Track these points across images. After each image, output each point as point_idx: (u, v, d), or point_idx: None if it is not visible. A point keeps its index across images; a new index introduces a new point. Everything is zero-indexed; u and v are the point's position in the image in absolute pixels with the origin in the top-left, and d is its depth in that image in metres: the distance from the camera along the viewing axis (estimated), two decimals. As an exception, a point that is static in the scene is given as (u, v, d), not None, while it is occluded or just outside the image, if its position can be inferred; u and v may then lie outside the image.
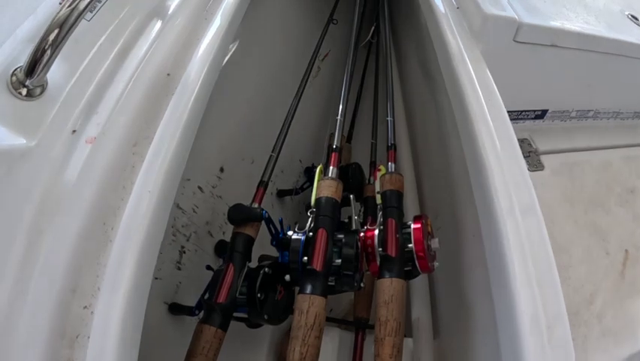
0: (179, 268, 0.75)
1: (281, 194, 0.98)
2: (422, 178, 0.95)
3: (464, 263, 0.78)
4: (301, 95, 0.90)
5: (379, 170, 0.72)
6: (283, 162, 0.95)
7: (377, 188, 0.70)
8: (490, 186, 0.59)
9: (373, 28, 1.13)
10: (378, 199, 0.70)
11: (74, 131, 0.55)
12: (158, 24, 0.70)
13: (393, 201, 0.64)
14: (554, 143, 1.03)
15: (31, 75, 0.52)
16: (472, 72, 0.74)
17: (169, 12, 0.73)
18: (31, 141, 0.50)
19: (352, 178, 0.89)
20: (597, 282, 0.87)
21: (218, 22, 0.77)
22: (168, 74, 0.68)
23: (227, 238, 0.72)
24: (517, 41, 0.83)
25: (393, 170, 0.68)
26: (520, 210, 0.56)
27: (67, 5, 0.57)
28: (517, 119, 1.03)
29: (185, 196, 0.78)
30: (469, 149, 0.68)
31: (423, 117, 1.01)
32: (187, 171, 0.63)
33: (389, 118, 0.77)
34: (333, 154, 0.67)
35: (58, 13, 0.55)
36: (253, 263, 0.67)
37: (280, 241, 0.66)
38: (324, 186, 0.62)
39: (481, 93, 0.71)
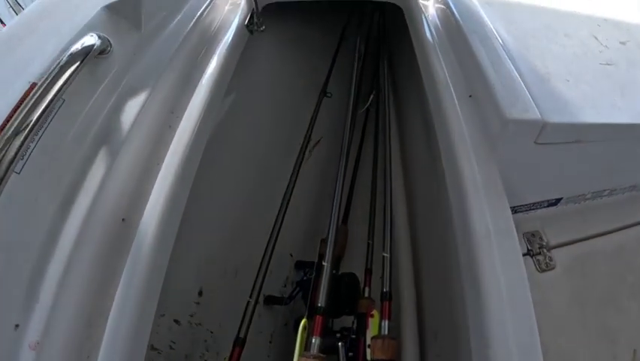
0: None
1: (269, 301, 0.89)
2: (422, 290, 0.87)
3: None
4: (293, 187, 0.80)
5: (372, 315, 0.63)
6: (272, 259, 0.86)
7: (368, 340, 0.62)
8: (485, 314, 0.55)
9: (372, 96, 1.00)
10: (369, 355, 0.61)
11: (17, 325, 0.46)
12: (107, 155, 0.58)
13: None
14: (567, 232, 0.95)
15: None
16: (479, 181, 0.65)
17: (121, 132, 0.61)
18: None
19: (346, 291, 0.80)
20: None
21: (184, 130, 0.65)
22: (123, 220, 0.57)
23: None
24: (538, 143, 0.73)
25: (386, 330, 0.60)
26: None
27: None
28: (530, 210, 0.94)
29: (160, 335, 0.69)
30: (467, 270, 0.60)
31: (425, 205, 0.91)
32: (160, 305, 0.55)
33: (385, 254, 0.68)
34: (317, 318, 0.58)
35: None
36: None
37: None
38: None
39: (485, 202, 0.62)
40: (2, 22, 3.01)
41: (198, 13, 0.80)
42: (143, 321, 0.53)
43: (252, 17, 0.83)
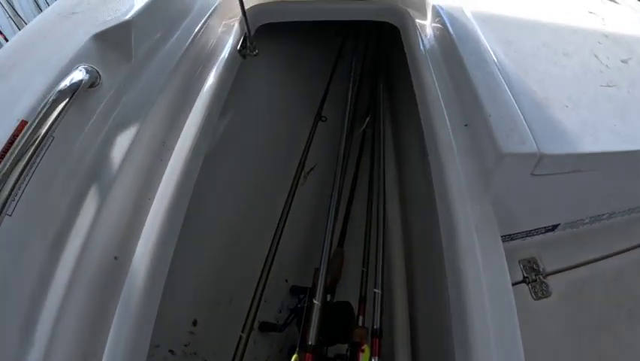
0: None
1: (264, 328, 0.89)
2: (416, 325, 0.86)
3: None
4: (288, 213, 0.80)
5: (362, 351, 0.64)
6: (267, 286, 0.86)
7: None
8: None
9: (368, 118, 1.00)
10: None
11: None
12: (99, 192, 0.58)
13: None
14: (564, 258, 0.95)
15: None
16: (471, 216, 0.65)
17: (112, 168, 0.61)
18: None
19: (340, 319, 0.80)
20: None
21: (176, 163, 0.65)
22: (116, 258, 0.57)
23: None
24: (535, 174, 0.73)
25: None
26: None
27: None
28: (527, 236, 0.94)
29: (155, 366, 0.69)
30: (456, 307, 0.60)
31: (420, 233, 0.91)
32: (155, 336, 0.55)
33: (377, 290, 0.68)
34: (307, 355, 0.58)
35: None
36: None
37: None
38: None
39: (476, 236, 0.62)
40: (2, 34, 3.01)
41: (190, 38, 0.80)
42: (139, 352, 0.54)
43: (244, 41, 0.82)
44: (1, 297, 0.50)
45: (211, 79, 0.75)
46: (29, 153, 0.52)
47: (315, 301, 0.67)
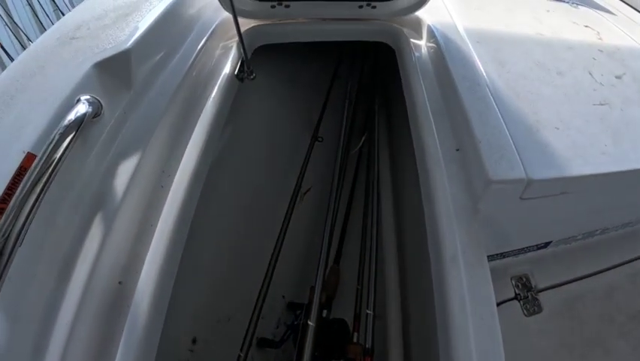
0: None
1: (261, 344, 0.94)
2: (409, 347, 0.89)
3: None
4: (285, 232, 0.84)
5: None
6: (265, 302, 0.90)
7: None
8: None
9: (364, 137, 1.04)
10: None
11: None
12: (103, 220, 0.62)
13: None
14: (556, 274, 0.99)
15: None
16: (457, 235, 0.68)
17: (116, 196, 0.64)
18: None
19: (335, 336, 0.84)
20: None
21: (177, 189, 0.69)
22: (120, 283, 0.61)
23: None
24: (524, 198, 0.77)
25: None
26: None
27: (0, 235, 0.50)
28: (519, 254, 0.97)
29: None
30: (442, 328, 0.64)
31: (413, 254, 0.95)
32: (156, 354, 0.59)
33: (369, 311, 0.72)
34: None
35: None
36: None
37: None
38: None
39: (461, 260, 0.66)
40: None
41: (189, 63, 0.84)
42: None
43: (242, 65, 0.86)
44: (13, 323, 0.54)
45: (209, 104, 0.79)
46: (40, 187, 0.56)
47: (309, 323, 0.71)
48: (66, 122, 0.62)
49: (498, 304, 0.70)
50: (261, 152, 1.01)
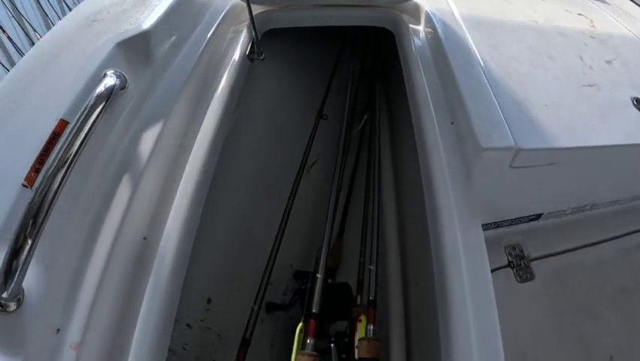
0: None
1: (270, 308, 1.02)
2: (409, 299, 0.99)
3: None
4: (292, 203, 0.92)
5: (360, 320, 0.76)
6: (273, 271, 0.99)
7: (356, 342, 0.75)
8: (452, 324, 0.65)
9: (366, 116, 1.13)
10: (357, 355, 0.74)
11: (58, 330, 0.58)
12: (130, 181, 0.71)
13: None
14: (548, 245, 1.07)
15: (7, 287, 0.53)
16: (452, 199, 0.77)
17: (141, 161, 0.73)
18: (19, 359, 0.52)
19: (339, 299, 0.93)
20: (576, 399, 0.95)
21: (196, 157, 0.78)
22: (145, 238, 0.69)
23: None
24: (514, 167, 0.85)
25: (371, 333, 0.73)
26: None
27: (38, 191, 0.57)
28: (512, 224, 1.06)
29: (174, 338, 0.82)
30: (440, 287, 0.72)
31: (412, 222, 1.04)
32: None
33: (371, 267, 0.80)
34: (311, 322, 0.71)
35: (31, 203, 0.55)
36: None
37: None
38: None
39: (457, 221, 0.74)
40: (4, 31, 3.14)
41: (203, 45, 0.93)
42: (165, 324, 0.65)
43: (252, 47, 0.95)
44: (49, 271, 0.62)
45: (224, 81, 0.88)
46: (74, 149, 0.64)
47: (318, 275, 0.80)
48: (97, 92, 0.71)
49: (492, 271, 0.77)
50: (270, 128, 1.10)
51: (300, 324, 0.75)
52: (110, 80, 0.74)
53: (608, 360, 1.03)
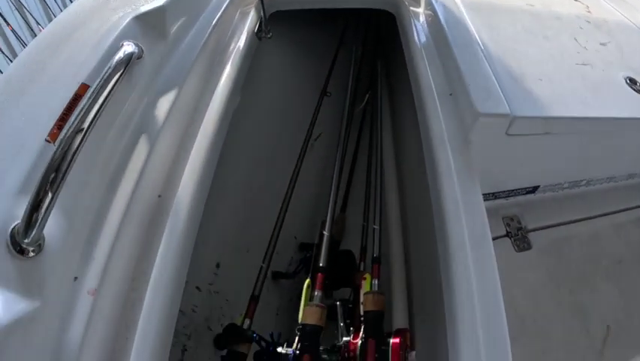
0: (182, 367, 0.85)
1: (276, 276, 1.07)
2: (409, 257, 1.04)
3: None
4: (297, 176, 0.98)
5: (364, 278, 0.81)
6: (278, 242, 1.04)
7: (361, 298, 0.80)
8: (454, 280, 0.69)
9: (368, 95, 1.18)
10: (362, 310, 0.79)
11: (76, 278, 0.62)
12: (146, 142, 0.76)
13: (374, 322, 0.74)
14: (544, 217, 1.12)
15: (29, 233, 0.58)
16: (452, 163, 0.81)
17: (156, 125, 0.78)
18: (38, 302, 0.56)
19: (343, 266, 0.98)
20: (574, 364, 0.99)
21: (207, 125, 0.83)
22: (159, 196, 0.74)
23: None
24: (510, 134, 0.90)
25: (376, 287, 0.77)
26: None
27: (60, 147, 0.62)
28: (509, 196, 1.11)
29: (184, 300, 0.87)
30: (442, 246, 0.76)
31: (413, 194, 1.09)
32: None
33: (375, 227, 0.85)
34: (319, 275, 0.76)
35: (53, 157, 0.60)
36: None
37: (271, 354, 0.76)
38: (309, 314, 0.71)
39: (457, 187, 0.78)
40: (7, 23, 3.23)
41: (213, 23, 0.99)
42: (179, 276, 0.70)
43: (260, 25, 1.01)
44: (69, 222, 0.66)
45: (233, 56, 0.94)
46: (95, 110, 0.70)
47: (324, 232, 0.84)
48: (117, 58, 0.76)
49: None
50: (276, 104, 1.16)
51: (308, 280, 0.80)
52: (128, 48, 0.79)
53: (605, 329, 1.07)
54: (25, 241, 0.57)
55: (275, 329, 0.98)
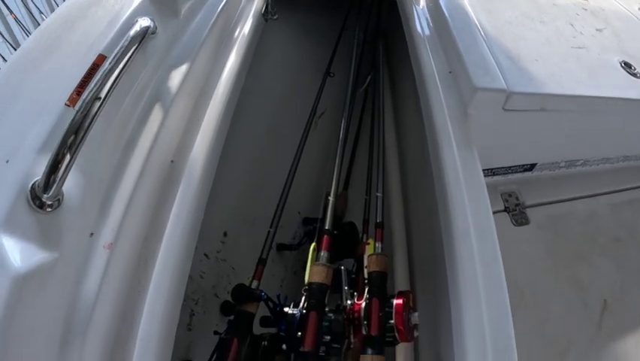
0: (189, 330, 0.89)
1: (280, 248, 1.11)
2: (410, 224, 1.08)
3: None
4: (301, 153, 1.02)
5: (368, 243, 0.85)
6: (282, 216, 1.08)
7: (365, 262, 0.84)
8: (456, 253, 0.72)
9: (370, 77, 1.23)
10: (366, 273, 0.83)
11: (92, 234, 0.67)
12: (159, 112, 0.81)
13: (378, 282, 0.78)
14: (542, 195, 1.16)
15: (48, 189, 0.62)
16: (452, 134, 0.86)
17: (169, 96, 0.83)
18: (55, 254, 0.60)
19: (347, 237, 1.02)
20: (572, 335, 1.03)
21: (217, 99, 0.88)
22: (172, 161, 0.79)
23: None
24: (507, 109, 0.95)
25: (380, 250, 0.82)
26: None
27: (79, 110, 0.66)
28: (507, 173, 1.15)
29: (192, 266, 0.91)
30: (443, 215, 0.80)
31: (414, 169, 1.13)
32: None
33: (378, 194, 0.89)
34: (325, 237, 0.80)
35: (73, 120, 0.65)
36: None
37: (278, 314, 0.79)
38: (316, 272, 0.76)
39: (457, 157, 0.83)
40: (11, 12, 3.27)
41: (222, 3, 1.04)
42: (190, 242, 0.73)
43: (266, 7, 1.06)
44: (87, 180, 0.70)
45: (241, 36, 0.99)
46: (112, 78, 0.75)
47: (329, 198, 0.88)
48: (133, 32, 0.81)
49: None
50: (282, 83, 1.21)
51: (313, 244, 0.83)
52: (144, 22, 0.85)
53: (602, 303, 1.11)
54: (45, 195, 0.61)
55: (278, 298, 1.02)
